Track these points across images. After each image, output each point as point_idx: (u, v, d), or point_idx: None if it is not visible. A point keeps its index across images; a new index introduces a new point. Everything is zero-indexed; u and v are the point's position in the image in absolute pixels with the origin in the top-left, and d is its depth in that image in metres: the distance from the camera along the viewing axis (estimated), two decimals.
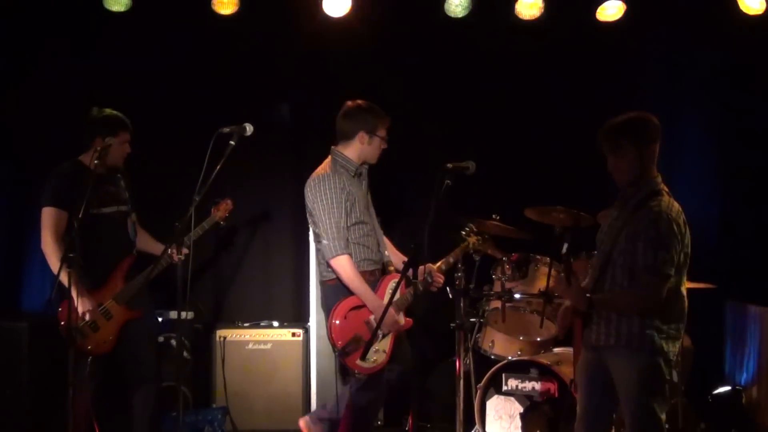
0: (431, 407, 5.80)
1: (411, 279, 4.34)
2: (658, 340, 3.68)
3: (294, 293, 6.21)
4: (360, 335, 4.45)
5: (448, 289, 4.90)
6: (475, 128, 6.08)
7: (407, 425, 5.19)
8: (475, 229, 4.98)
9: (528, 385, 5.04)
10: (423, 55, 6.11)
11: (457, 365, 4.98)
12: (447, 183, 3.99)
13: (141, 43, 5.93)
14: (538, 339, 5.30)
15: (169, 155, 5.82)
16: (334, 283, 4.54)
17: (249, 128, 4.27)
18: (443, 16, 5.84)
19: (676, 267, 3.67)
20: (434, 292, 4.78)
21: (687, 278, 3.81)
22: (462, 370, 4.99)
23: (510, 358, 5.17)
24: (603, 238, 3.88)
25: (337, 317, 4.48)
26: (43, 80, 5.90)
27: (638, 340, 3.69)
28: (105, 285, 4.68)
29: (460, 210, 5.04)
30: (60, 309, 4.54)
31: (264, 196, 6.23)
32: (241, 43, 6.04)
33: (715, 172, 6.20)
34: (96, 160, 4.47)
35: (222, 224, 5.26)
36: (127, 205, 4.85)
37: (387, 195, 4.99)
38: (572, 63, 6.07)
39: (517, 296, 5.20)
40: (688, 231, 3.75)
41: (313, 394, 5.79)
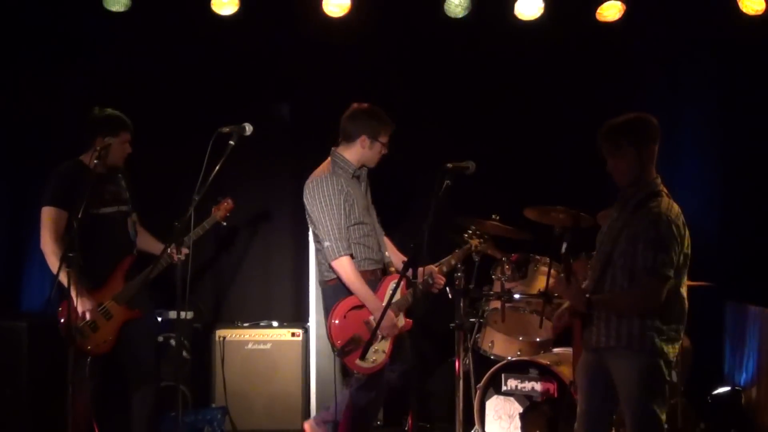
0: (431, 407, 5.81)
1: (411, 280, 4.34)
2: (658, 341, 3.68)
3: (294, 293, 6.21)
4: (359, 335, 4.45)
5: (447, 289, 4.90)
6: (475, 128, 6.08)
7: (407, 425, 5.19)
8: (477, 232, 4.98)
9: (527, 386, 5.04)
10: (423, 55, 6.11)
11: (457, 365, 4.98)
12: (447, 183, 3.98)
13: (140, 43, 5.92)
14: (538, 339, 5.30)
15: (169, 155, 5.81)
16: (335, 283, 4.54)
17: (248, 128, 4.27)
18: (443, 16, 5.84)
19: (676, 268, 3.67)
20: (435, 293, 4.78)
21: (686, 278, 3.81)
22: (461, 370, 5.00)
23: (509, 358, 5.17)
24: (603, 239, 3.88)
25: (336, 317, 4.48)
26: (42, 80, 5.89)
27: (638, 342, 3.69)
28: (105, 285, 4.68)
29: (460, 210, 5.05)
30: (60, 309, 4.55)
31: (264, 196, 6.22)
32: (241, 43, 6.03)
33: (715, 173, 6.19)
34: (96, 159, 4.47)
35: (223, 224, 5.26)
36: (128, 205, 4.84)
37: (387, 195, 4.98)
38: (572, 63, 6.06)
39: (516, 296, 5.20)
40: (688, 232, 3.75)
41: (313, 394, 5.79)
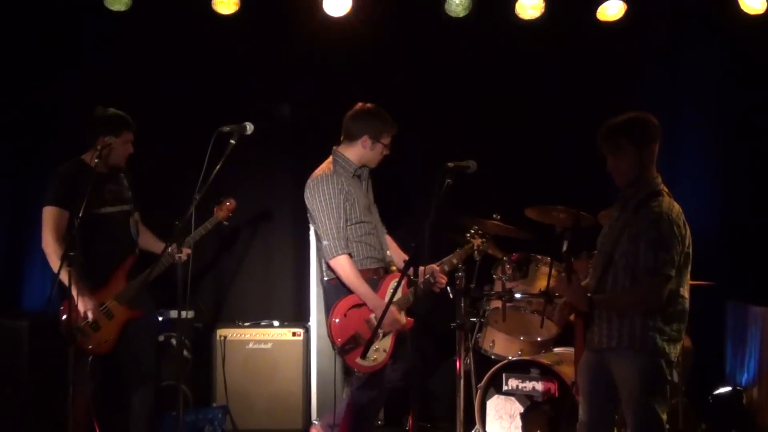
0: (432, 407, 5.81)
1: (412, 279, 4.34)
2: (660, 341, 3.68)
3: (294, 293, 6.21)
4: (360, 333, 4.45)
5: (448, 288, 4.89)
6: (476, 127, 6.07)
7: (407, 425, 5.19)
8: (479, 231, 4.98)
9: (528, 385, 5.03)
10: (423, 55, 6.11)
11: (458, 365, 4.98)
12: (448, 182, 3.98)
13: (141, 42, 5.92)
14: (539, 339, 5.30)
15: (169, 154, 5.81)
16: (336, 282, 4.54)
17: (249, 127, 4.27)
18: (444, 15, 5.84)
19: (677, 268, 3.67)
20: (436, 292, 4.78)
21: (688, 277, 3.81)
22: (462, 369, 4.99)
23: (510, 357, 5.17)
24: (604, 239, 3.88)
25: (336, 315, 4.48)
26: (43, 79, 5.90)
27: (640, 342, 3.69)
28: (107, 284, 4.68)
29: (461, 209, 5.04)
30: (61, 308, 4.55)
31: (264, 196, 6.22)
32: (242, 43, 6.03)
33: (716, 173, 6.19)
34: (96, 159, 4.47)
35: (225, 224, 5.26)
36: (130, 204, 4.84)
37: (388, 194, 4.98)
38: (573, 63, 6.06)
39: (517, 296, 5.19)
40: (689, 232, 3.75)
41: (314, 393, 5.80)
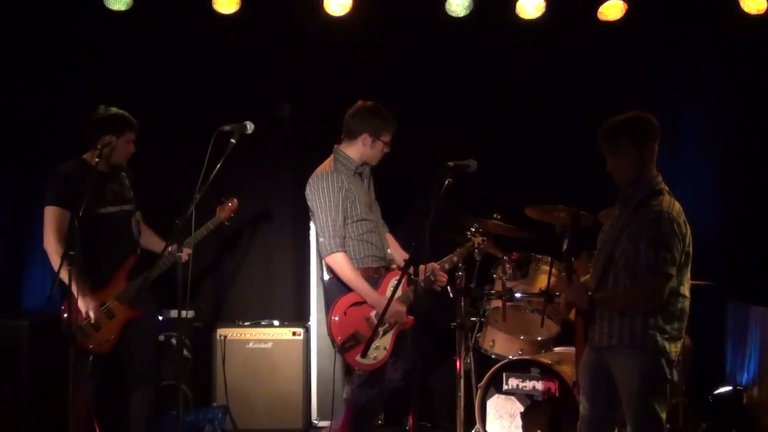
0: (432, 406, 5.81)
1: (412, 277, 4.34)
2: (661, 340, 3.68)
3: (295, 292, 6.20)
4: (360, 331, 4.45)
5: (448, 288, 4.89)
6: (477, 127, 6.07)
7: (408, 424, 5.18)
8: (480, 229, 4.97)
9: (529, 385, 5.04)
10: (424, 54, 6.10)
11: (458, 364, 4.98)
12: (448, 181, 3.98)
13: (142, 41, 5.92)
14: (539, 338, 5.29)
15: (170, 154, 5.80)
16: (336, 281, 4.54)
17: (250, 126, 4.27)
18: (444, 15, 5.84)
19: (678, 267, 3.67)
20: (437, 291, 4.78)
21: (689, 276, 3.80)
22: (463, 369, 5.00)
23: (511, 357, 5.16)
24: (605, 238, 3.88)
25: (336, 313, 4.48)
26: (43, 78, 5.90)
27: (641, 340, 3.69)
28: (108, 284, 4.67)
29: (462, 209, 5.04)
30: (62, 307, 4.54)
31: (265, 195, 6.21)
32: (242, 42, 6.03)
33: (716, 172, 6.18)
34: (97, 158, 4.47)
35: (227, 224, 5.24)
36: (131, 204, 4.83)
37: (389, 193, 4.98)
38: (573, 62, 6.06)
39: (517, 295, 5.19)
40: (689, 230, 3.75)
41: (314, 393, 5.80)
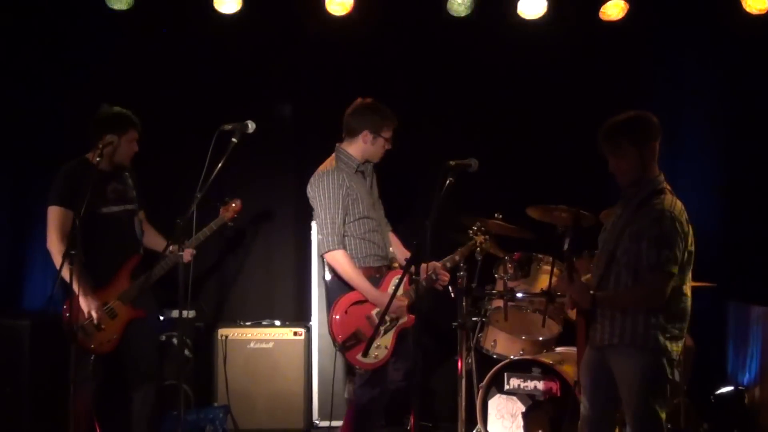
0: (433, 406, 5.82)
1: (413, 276, 4.33)
2: (662, 339, 3.68)
3: (296, 292, 6.19)
4: (361, 330, 4.45)
5: (450, 288, 4.88)
6: (478, 127, 6.06)
7: (409, 424, 5.18)
8: (482, 228, 4.96)
9: (530, 385, 5.03)
10: (425, 54, 6.10)
11: (459, 364, 4.98)
12: (449, 180, 3.98)
13: (143, 40, 5.92)
14: (541, 338, 5.29)
15: (171, 153, 5.79)
16: (338, 280, 4.54)
17: (251, 125, 4.27)
18: (446, 15, 5.84)
19: (680, 265, 3.66)
20: (439, 290, 4.77)
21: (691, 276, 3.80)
22: (464, 369, 4.99)
23: (512, 357, 5.16)
24: (606, 237, 3.87)
25: (337, 312, 4.48)
26: (44, 78, 5.89)
27: (642, 339, 3.68)
28: (110, 284, 4.67)
29: (463, 208, 5.04)
30: (64, 306, 4.54)
31: (266, 195, 6.20)
32: (244, 41, 6.03)
33: (718, 172, 6.18)
34: (98, 157, 4.46)
35: (230, 225, 5.21)
36: (134, 203, 4.82)
37: (390, 192, 4.97)
38: (574, 62, 6.05)
39: (519, 295, 5.19)
40: (692, 229, 3.74)
41: (315, 393, 5.80)
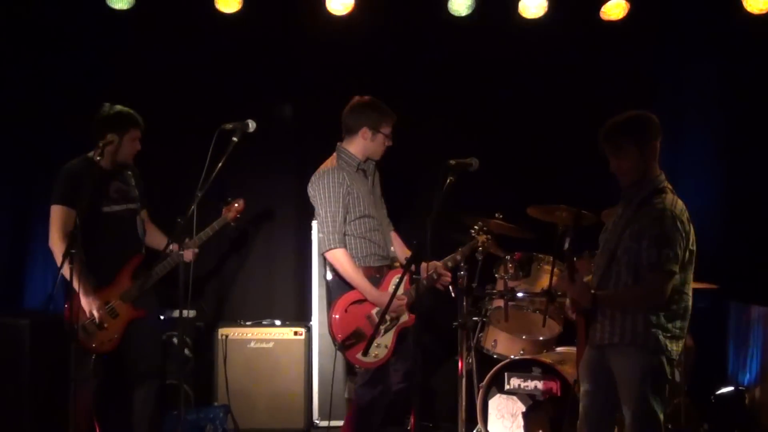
0: (434, 406, 5.81)
1: (414, 275, 4.33)
2: (663, 338, 3.67)
3: (296, 292, 6.19)
4: (361, 329, 4.45)
5: (450, 287, 4.88)
6: (478, 126, 6.06)
7: (409, 424, 5.18)
8: (484, 228, 4.95)
9: (530, 384, 5.03)
10: (426, 53, 6.10)
11: (460, 364, 4.97)
12: (450, 179, 3.98)
13: (143, 40, 5.92)
14: (541, 338, 5.29)
15: (172, 152, 5.78)
16: (338, 279, 4.54)
17: (252, 124, 4.27)
18: (447, 14, 5.84)
19: (681, 265, 3.66)
20: (440, 289, 4.76)
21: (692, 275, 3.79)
22: (464, 369, 4.99)
23: (512, 357, 5.16)
24: (607, 237, 3.87)
25: (337, 311, 4.48)
26: (44, 77, 5.89)
27: (642, 339, 3.68)
28: (112, 283, 4.67)
29: (464, 208, 5.04)
30: (66, 305, 4.53)
31: (267, 195, 6.19)
32: (244, 41, 6.03)
33: (719, 172, 6.18)
34: (99, 156, 4.46)
35: (233, 225, 5.18)
36: (136, 203, 4.82)
37: (390, 192, 4.97)
38: (575, 62, 6.05)
39: (519, 295, 5.19)
40: (693, 228, 3.74)
41: (315, 393, 5.80)
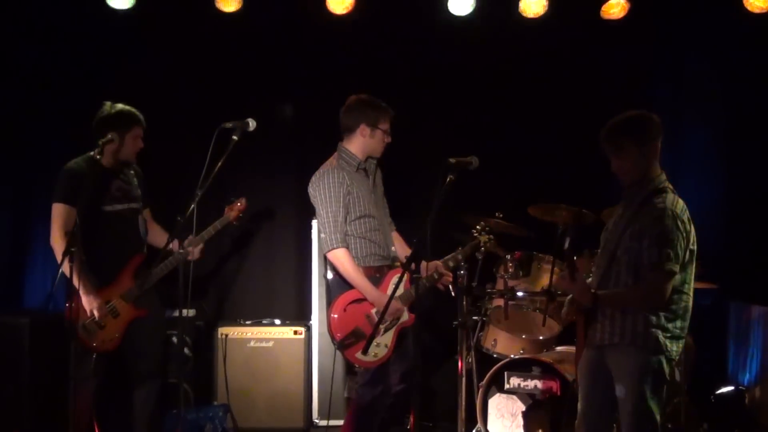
0: (433, 406, 5.81)
1: (414, 275, 4.33)
2: (663, 339, 3.67)
3: (296, 291, 6.19)
4: (360, 329, 4.44)
5: (450, 287, 4.87)
6: (479, 125, 6.06)
7: (409, 424, 5.17)
8: (486, 228, 4.94)
9: (530, 384, 5.02)
10: (426, 52, 6.10)
11: (460, 364, 4.97)
12: (450, 178, 3.97)
13: (144, 39, 5.92)
14: (541, 337, 5.29)
15: (172, 151, 5.78)
16: (339, 278, 4.53)
17: (252, 123, 4.26)
18: (447, 13, 5.84)
19: (681, 264, 3.66)
20: (441, 289, 4.76)
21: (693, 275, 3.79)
22: (464, 368, 4.98)
23: (512, 356, 5.15)
24: (608, 236, 3.87)
25: (336, 310, 4.48)
26: (45, 77, 5.89)
27: (642, 339, 3.68)
28: (114, 282, 4.67)
29: (464, 207, 5.03)
30: (67, 304, 4.52)
31: (267, 194, 6.18)
32: (245, 40, 6.03)
33: (719, 172, 6.18)
34: (98, 155, 4.46)
35: (235, 224, 5.17)
36: (139, 202, 4.81)
37: (390, 191, 4.96)
38: (575, 61, 6.05)
39: (519, 294, 5.19)
40: (693, 228, 3.73)
41: (315, 392, 5.81)
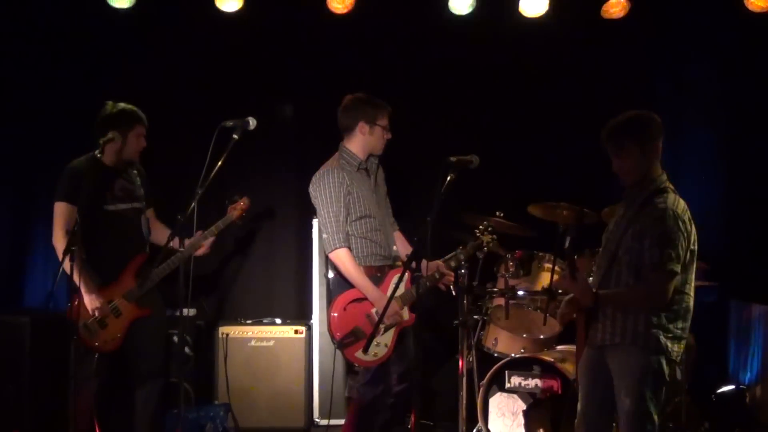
0: (434, 405, 5.80)
1: (415, 274, 4.33)
2: (664, 339, 3.67)
3: (297, 290, 6.19)
4: (360, 328, 4.44)
5: (451, 286, 4.87)
6: (479, 124, 6.06)
7: (410, 423, 5.17)
8: (489, 228, 4.93)
9: (531, 383, 5.03)
10: (427, 51, 6.10)
11: (460, 363, 4.97)
12: (450, 176, 3.97)
13: (144, 39, 5.92)
14: (542, 336, 5.29)
15: (172, 151, 5.79)
16: (340, 277, 4.53)
17: (252, 122, 4.27)
18: (447, 13, 5.84)
19: (682, 264, 3.65)
20: (442, 289, 4.76)
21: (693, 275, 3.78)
22: (465, 367, 4.98)
23: (513, 355, 5.15)
24: (609, 236, 3.86)
25: (336, 309, 4.48)
26: (45, 76, 5.89)
27: (643, 339, 3.67)
28: (116, 282, 4.66)
29: (465, 207, 5.03)
30: (68, 304, 4.52)
31: (267, 193, 6.17)
32: (245, 40, 6.03)
33: (720, 171, 6.18)
34: (99, 154, 4.46)
35: (238, 223, 5.14)
36: (141, 201, 4.81)
37: (391, 190, 4.96)
38: (576, 60, 6.06)
39: (520, 293, 5.19)
40: (694, 228, 3.73)
41: (316, 391, 5.81)
